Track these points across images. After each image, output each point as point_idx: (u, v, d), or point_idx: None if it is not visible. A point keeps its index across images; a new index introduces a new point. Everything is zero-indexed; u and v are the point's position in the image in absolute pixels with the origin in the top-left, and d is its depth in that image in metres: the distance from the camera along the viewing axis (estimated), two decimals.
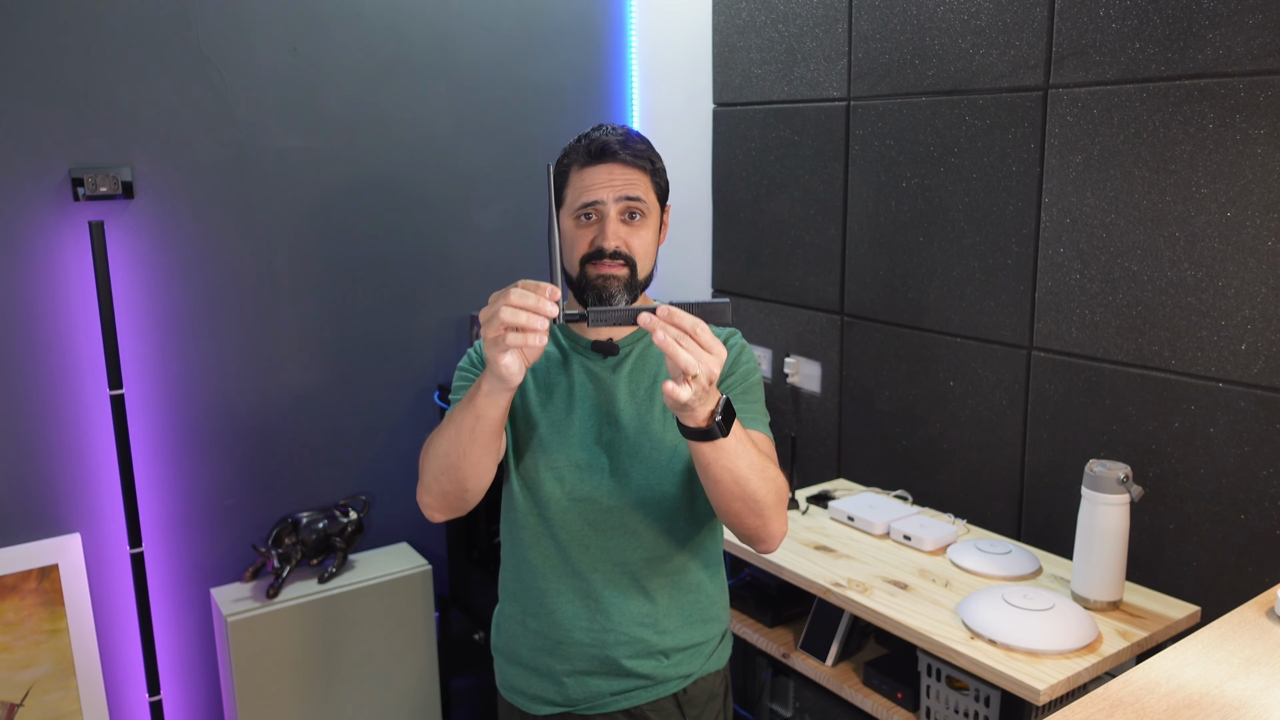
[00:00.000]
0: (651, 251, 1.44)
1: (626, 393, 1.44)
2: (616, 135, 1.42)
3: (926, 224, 2.14)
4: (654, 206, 1.44)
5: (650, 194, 1.43)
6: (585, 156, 1.41)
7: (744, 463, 1.27)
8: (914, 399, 2.22)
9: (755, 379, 1.48)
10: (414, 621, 2.51)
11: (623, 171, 1.40)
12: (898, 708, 1.77)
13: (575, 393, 1.45)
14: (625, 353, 1.47)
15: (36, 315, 2.15)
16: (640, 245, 1.41)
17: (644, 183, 1.41)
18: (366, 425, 2.61)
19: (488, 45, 2.66)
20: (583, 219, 1.41)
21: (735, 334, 1.51)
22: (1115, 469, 1.65)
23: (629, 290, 1.40)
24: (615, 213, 1.39)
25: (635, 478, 1.42)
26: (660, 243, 1.48)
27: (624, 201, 1.39)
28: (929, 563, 1.90)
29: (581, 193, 1.40)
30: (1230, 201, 1.65)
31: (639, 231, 1.41)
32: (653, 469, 1.42)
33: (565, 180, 1.43)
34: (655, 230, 1.45)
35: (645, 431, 1.42)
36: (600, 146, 1.40)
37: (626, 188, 1.39)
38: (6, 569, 2.14)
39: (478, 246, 2.72)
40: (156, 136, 2.23)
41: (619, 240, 1.39)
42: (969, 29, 2.01)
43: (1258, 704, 1.11)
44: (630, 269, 1.40)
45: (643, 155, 1.42)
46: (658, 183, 1.45)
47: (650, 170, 1.43)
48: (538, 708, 1.49)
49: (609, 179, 1.39)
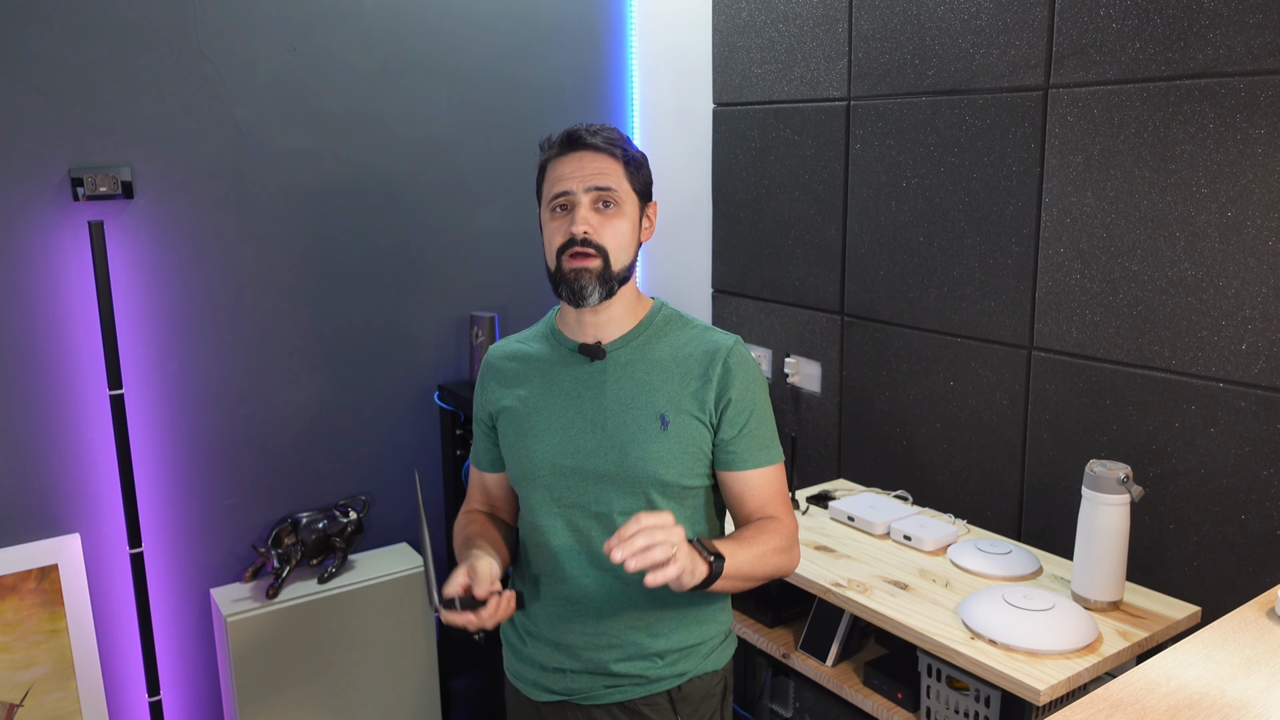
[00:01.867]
0: (627, 243, 1.41)
1: (613, 397, 1.43)
2: (588, 127, 1.42)
3: (926, 224, 2.14)
4: (629, 197, 1.42)
5: (623, 183, 1.41)
6: (557, 148, 1.42)
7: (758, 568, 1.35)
8: (914, 399, 2.22)
9: (760, 401, 1.45)
10: (414, 621, 2.51)
11: (593, 159, 1.39)
12: (898, 708, 1.77)
13: (560, 398, 1.45)
14: (612, 357, 1.45)
15: (36, 315, 2.14)
16: (613, 235, 1.39)
17: (615, 171, 1.40)
18: (366, 425, 2.61)
19: (487, 45, 2.66)
20: (557, 210, 1.41)
21: (737, 342, 1.48)
22: (1115, 469, 1.65)
23: (603, 283, 1.39)
24: (587, 201, 1.38)
25: (622, 484, 1.41)
26: (644, 239, 1.47)
27: (594, 191, 1.38)
28: (929, 563, 1.90)
29: (554, 184, 1.40)
30: (1230, 201, 1.65)
31: (611, 221, 1.39)
32: (639, 476, 1.41)
33: (542, 175, 1.44)
34: (633, 223, 1.43)
35: (632, 439, 1.41)
36: (568, 136, 1.41)
37: (596, 176, 1.38)
38: (6, 569, 2.14)
39: (478, 246, 2.72)
40: (156, 136, 2.23)
41: (588, 225, 1.37)
42: (969, 29, 2.01)
43: (1258, 704, 1.11)
44: (603, 259, 1.38)
45: (613, 143, 1.41)
46: (633, 174, 1.42)
47: (623, 159, 1.41)
48: (538, 694, 1.51)
49: (579, 167, 1.39)
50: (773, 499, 1.46)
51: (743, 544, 1.35)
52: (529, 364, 1.50)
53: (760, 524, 1.42)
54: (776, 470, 1.46)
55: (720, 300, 2.73)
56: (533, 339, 1.54)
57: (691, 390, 1.42)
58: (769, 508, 1.45)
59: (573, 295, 1.39)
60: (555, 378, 1.46)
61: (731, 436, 1.42)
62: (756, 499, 1.44)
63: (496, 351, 1.56)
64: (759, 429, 1.44)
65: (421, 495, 1.32)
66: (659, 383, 1.43)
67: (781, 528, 1.42)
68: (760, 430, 1.44)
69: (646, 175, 1.46)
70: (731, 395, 1.42)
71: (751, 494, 1.44)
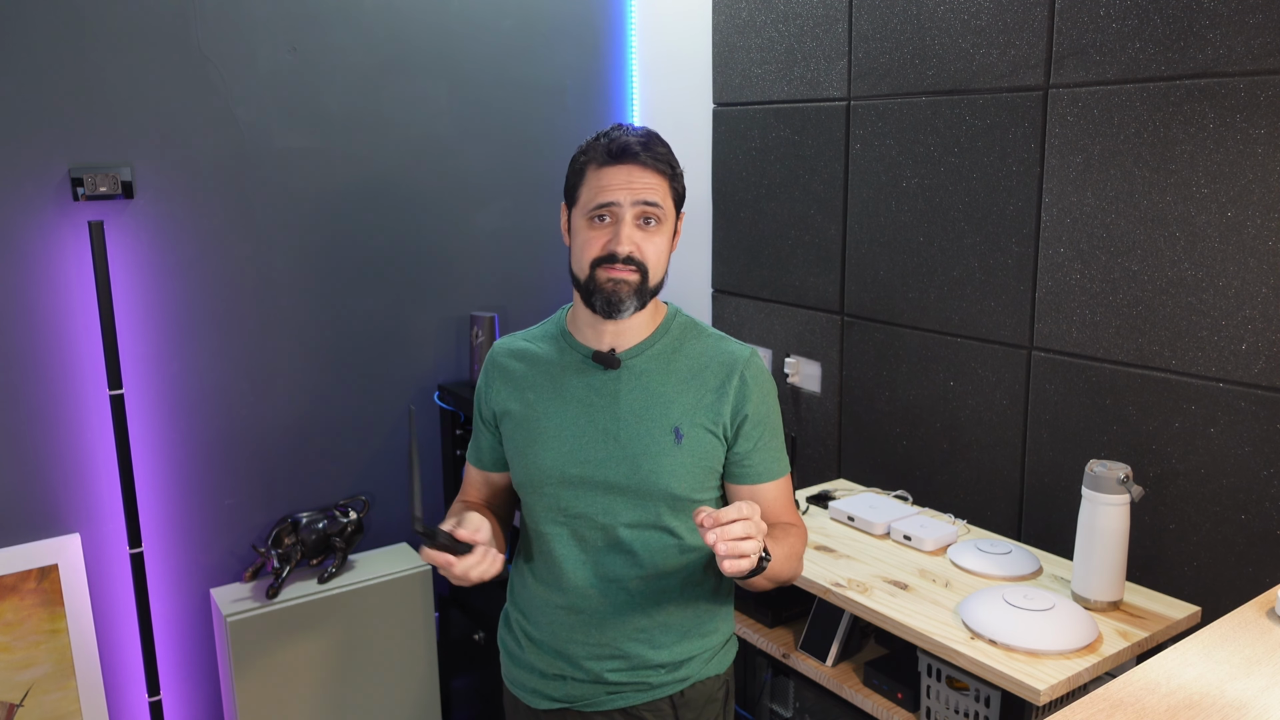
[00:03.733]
0: (664, 259, 1.41)
1: (627, 408, 1.41)
2: (638, 137, 1.38)
3: (926, 224, 2.14)
4: (670, 212, 1.40)
5: (668, 199, 1.39)
6: (604, 155, 1.37)
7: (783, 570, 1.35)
8: (914, 399, 2.22)
9: (773, 414, 1.46)
10: (414, 621, 2.51)
11: (642, 174, 1.36)
12: (898, 708, 1.77)
13: (570, 405, 1.42)
14: (627, 366, 1.43)
15: (36, 315, 2.14)
16: (654, 252, 1.38)
17: (662, 188, 1.38)
18: (366, 425, 2.61)
19: (488, 45, 2.66)
20: (596, 220, 1.37)
21: (754, 354, 1.46)
22: (1115, 469, 1.65)
23: (639, 296, 1.38)
24: (631, 216, 1.36)
25: (630, 498, 1.39)
26: (672, 250, 1.45)
27: (641, 206, 1.36)
28: (929, 563, 1.90)
29: (598, 192, 1.36)
30: (1230, 201, 1.65)
31: (653, 237, 1.38)
32: (651, 490, 1.39)
33: (581, 178, 1.39)
34: (669, 237, 1.42)
35: (645, 451, 1.39)
36: (621, 147, 1.36)
37: (645, 191, 1.36)
38: (6, 569, 2.14)
39: (478, 246, 2.72)
40: (156, 136, 2.23)
41: (633, 245, 1.35)
42: (969, 29, 2.01)
43: (1258, 704, 1.11)
44: (642, 275, 1.37)
45: (663, 159, 1.38)
46: (675, 188, 1.41)
47: (670, 175, 1.39)
48: (538, 702, 1.50)
49: (628, 181, 1.35)
50: (786, 508, 1.47)
51: (775, 543, 1.34)
52: (537, 366, 1.47)
53: (784, 527, 1.43)
54: (786, 480, 1.48)
55: (720, 300, 2.73)
56: (540, 339, 1.51)
57: (707, 403, 1.41)
58: (783, 517, 1.46)
59: (607, 307, 1.37)
60: (565, 383, 1.43)
61: (746, 451, 1.42)
62: (770, 511, 1.44)
63: (502, 349, 1.53)
64: (772, 442, 1.44)
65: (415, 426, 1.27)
66: (674, 394, 1.41)
67: (798, 534, 1.43)
68: (773, 443, 1.44)
69: (684, 186, 1.44)
70: (748, 411, 1.41)
71: (765, 506, 1.43)
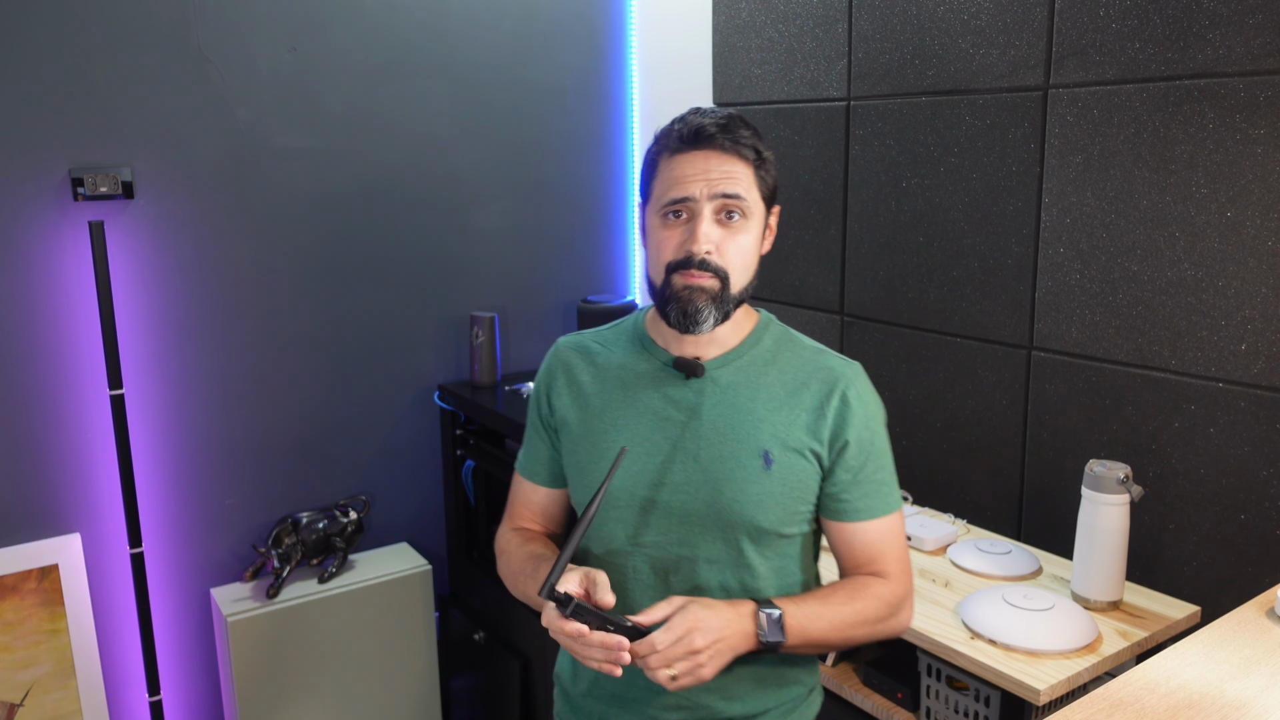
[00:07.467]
0: (751, 261, 1.22)
1: (710, 425, 1.23)
2: (716, 119, 1.19)
3: (926, 224, 2.14)
4: (757, 206, 1.21)
5: (753, 190, 1.20)
6: (677, 142, 1.19)
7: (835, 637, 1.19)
8: (914, 399, 2.22)
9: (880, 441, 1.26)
10: (414, 621, 2.51)
11: (720, 161, 1.17)
12: (898, 708, 1.77)
13: (646, 417, 1.25)
14: (712, 376, 1.25)
15: (36, 315, 2.15)
16: (737, 253, 1.19)
17: (747, 176, 1.19)
18: (366, 425, 2.61)
19: (488, 45, 2.66)
20: (670, 217, 1.19)
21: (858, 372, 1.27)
22: (1115, 469, 1.65)
23: (718, 306, 1.19)
24: (709, 211, 1.17)
25: (710, 527, 1.22)
26: (765, 251, 1.26)
27: (720, 199, 1.17)
28: (929, 563, 1.90)
29: (670, 185, 1.18)
30: (1230, 201, 1.65)
31: (736, 236, 1.19)
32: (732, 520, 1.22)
33: (654, 170, 1.22)
34: (757, 235, 1.22)
35: (729, 476, 1.21)
36: (695, 131, 1.17)
37: (724, 181, 1.17)
38: (6, 569, 2.14)
39: (478, 246, 2.72)
40: (156, 136, 2.23)
41: (710, 244, 1.17)
42: (969, 29, 2.01)
43: (1258, 704, 1.11)
44: (722, 282, 1.18)
45: (747, 144, 1.19)
46: (763, 178, 1.21)
47: (755, 161, 1.20)
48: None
49: (704, 170, 1.17)
50: (884, 554, 1.25)
51: (827, 605, 1.19)
52: (608, 371, 1.29)
53: (860, 583, 1.23)
54: (893, 521, 1.26)
55: None
56: (614, 342, 1.33)
57: (803, 424, 1.23)
58: (878, 564, 1.25)
59: (683, 319, 1.18)
60: (640, 393, 1.26)
61: (845, 483, 1.24)
62: (866, 554, 1.25)
63: (569, 346, 1.35)
64: (876, 474, 1.25)
65: (609, 478, 1.14)
66: (765, 412, 1.23)
67: (885, 592, 1.23)
68: (877, 475, 1.25)
69: (775, 177, 1.25)
70: (849, 436, 1.23)
71: (862, 549, 1.25)
